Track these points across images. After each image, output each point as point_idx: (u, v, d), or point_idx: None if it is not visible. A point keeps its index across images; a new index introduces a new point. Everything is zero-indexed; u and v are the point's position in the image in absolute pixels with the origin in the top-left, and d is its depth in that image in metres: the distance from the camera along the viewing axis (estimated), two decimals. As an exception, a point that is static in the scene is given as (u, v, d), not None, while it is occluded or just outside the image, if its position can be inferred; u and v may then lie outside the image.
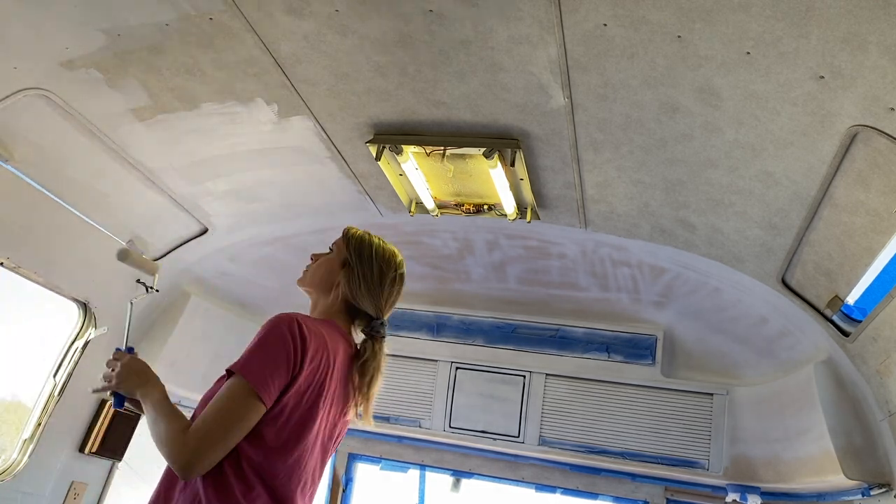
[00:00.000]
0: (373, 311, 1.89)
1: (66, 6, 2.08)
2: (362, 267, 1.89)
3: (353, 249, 1.92)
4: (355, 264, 1.89)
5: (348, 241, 1.95)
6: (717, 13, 1.72)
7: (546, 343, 3.96)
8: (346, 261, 1.90)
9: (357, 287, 1.87)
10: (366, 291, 1.87)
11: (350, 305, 1.88)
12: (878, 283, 2.33)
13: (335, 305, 1.87)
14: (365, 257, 1.91)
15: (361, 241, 1.94)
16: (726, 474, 3.50)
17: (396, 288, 1.97)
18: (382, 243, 1.98)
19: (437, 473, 4.15)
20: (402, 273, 1.98)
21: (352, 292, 1.86)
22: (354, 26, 2.09)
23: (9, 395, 4.12)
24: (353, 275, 1.87)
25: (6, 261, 2.77)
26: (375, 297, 1.89)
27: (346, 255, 1.91)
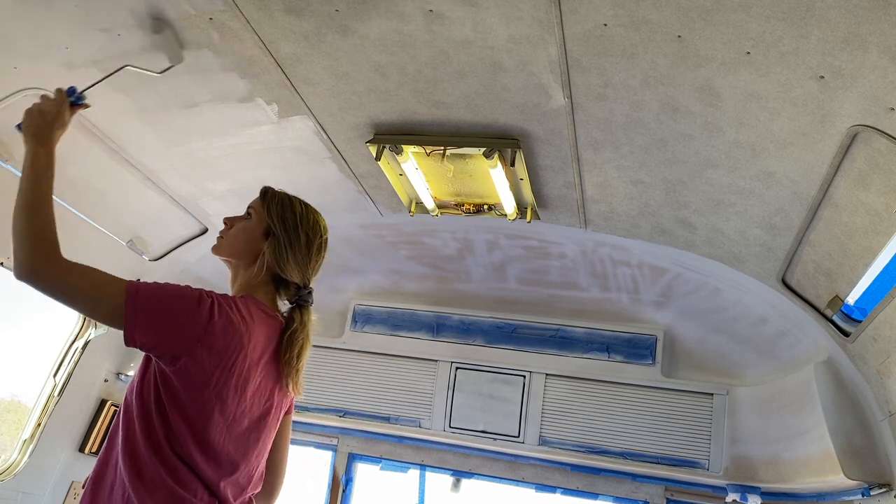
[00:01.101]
0: (299, 279, 1.79)
1: (66, 6, 2.08)
2: (288, 236, 1.77)
3: (277, 217, 1.79)
4: (280, 233, 1.76)
5: (269, 207, 1.81)
6: (717, 13, 1.72)
7: (546, 343, 3.96)
8: (270, 229, 1.78)
9: (284, 258, 1.75)
10: (293, 262, 1.76)
11: (275, 275, 1.77)
12: (878, 283, 2.33)
13: (258, 276, 1.76)
14: (290, 225, 1.78)
15: (284, 207, 1.81)
16: (726, 474, 3.50)
17: (322, 254, 1.85)
18: (305, 206, 1.85)
19: (437, 473, 4.15)
20: (326, 239, 1.86)
21: (278, 263, 1.75)
22: (354, 26, 2.09)
23: (9, 395, 4.12)
24: (278, 245, 1.75)
25: (6, 261, 2.77)
26: (303, 267, 1.79)
27: (268, 222, 1.79)
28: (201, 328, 1.52)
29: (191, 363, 1.52)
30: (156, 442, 1.51)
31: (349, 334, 4.20)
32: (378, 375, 4.10)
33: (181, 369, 1.52)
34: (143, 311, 1.50)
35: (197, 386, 1.53)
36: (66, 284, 1.49)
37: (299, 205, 1.85)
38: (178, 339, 1.51)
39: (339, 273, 4.09)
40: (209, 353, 1.53)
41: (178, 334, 1.51)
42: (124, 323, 1.49)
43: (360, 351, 4.14)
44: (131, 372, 3.54)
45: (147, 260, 3.41)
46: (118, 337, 1.92)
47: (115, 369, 3.54)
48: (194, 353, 1.52)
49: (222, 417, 1.57)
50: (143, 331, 1.49)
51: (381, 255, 3.87)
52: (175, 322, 1.52)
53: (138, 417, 1.53)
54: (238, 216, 1.87)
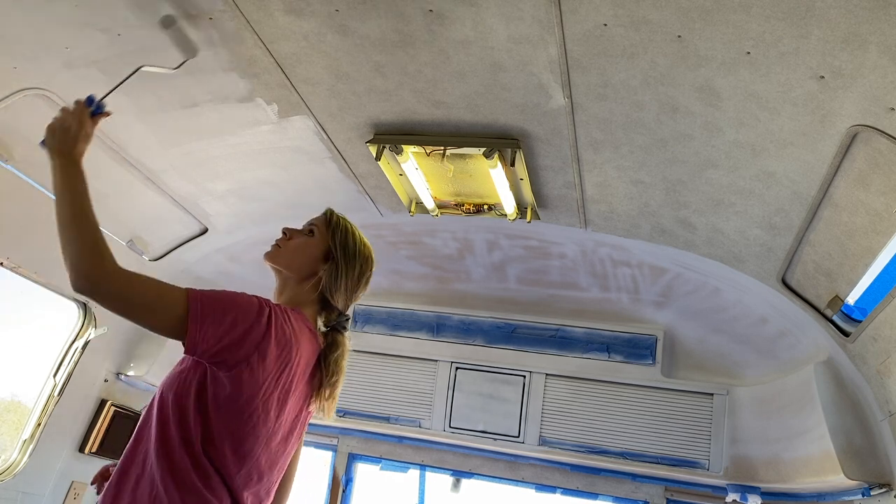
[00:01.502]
0: (343, 307, 1.83)
1: (66, 6, 2.08)
2: (347, 264, 1.81)
3: (339, 243, 1.82)
4: (340, 260, 1.80)
5: (334, 231, 1.84)
6: (717, 13, 1.72)
7: (546, 343, 3.96)
8: (330, 254, 1.81)
9: (338, 285, 1.79)
10: (344, 290, 1.81)
11: (322, 297, 1.80)
12: (878, 283, 2.33)
13: (309, 295, 1.79)
14: (350, 255, 1.82)
15: (346, 235, 1.85)
16: (726, 474, 3.50)
17: (366, 287, 1.90)
18: (363, 238, 1.90)
19: (437, 473, 4.15)
20: (373, 272, 1.91)
21: (331, 288, 1.79)
22: (354, 26, 2.09)
23: (9, 395, 4.12)
24: (335, 271, 1.79)
25: (6, 261, 2.77)
26: (349, 296, 1.83)
27: (329, 245, 1.82)
28: (260, 337, 1.54)
29: (246, 371, 1.52)
30: (192, 444, 1.51)
31: (349, 334, 4.20)
32: (378, 375, 4.10)
33: (235, 375, 1.52)
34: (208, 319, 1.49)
35: (247, 394, 1.54)
36: (128, 294, 1.46)
37: (359, 235, 1.90)
38: (240, 348, 1.52)
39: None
40: (263, 362, 1.55)
41: (240, 342, 1.51)
42: (188, 332, 1.47)
43: (360, 351, 4.14)
44: (131, 372, 3.54)
45: (147, 260, 3.41)
46: (118, 337, 1.93)
47: (115, 369, 3.54)
48: (251, 362, 1.53)
49: (264, 428, 1.59)
50: (207, 339, 1.49)
51: (381, 255, 3.82)
52: (237, 330, 1.52)
53: (175, 418, 1.53)
54: (299, 230, 1.88)
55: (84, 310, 3.28)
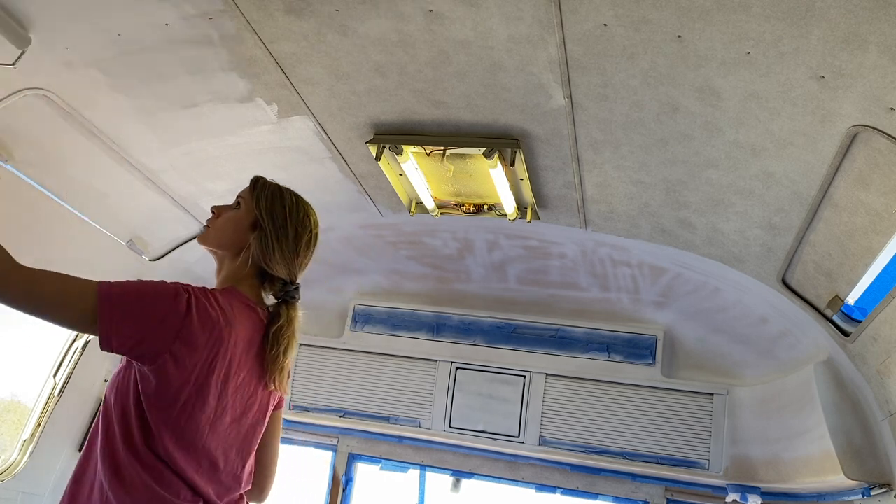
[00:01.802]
0: (286, 275, 1.73)
1: (66, 6, 2.07)
2: (276, 230, 1.71)
3: (266, 210, 1.73)
4: (268, 227, 1.71)
5: (258, 199, 1.75)
6: (717, 13, 1.72)
7: (546, 343, 3.95)
8: (257, 222, 1.72)
9: (270, 253, 1.70)
10: (279, 257, 1.71)
11: (260, 269, 1.72)
12: (878, 283, 2.33)
13: (243, 269, 1.71)
14: (279, 220, 1.73)
15: (273, 199, 1.76)
16: (726, 474, 3.50)
17: (311, 250, 1.80)
18: (295, 200, 1.80)
19: (437, 473, 4.15)
20: (316, 234, 1.81)
21: (264, 257, 1.70)
22: (354, 26, 2.09)
23: (9, 395, 4.12)
24: (265, 238, 1.70)
25: (5, 261, 2.77)
26: (290, 262, 1.73)
27: (256, 214, 1.73)
28: (178, 324, 1.46)
29: (169, 361, 1.46)
30: (133, 442, 1.47)
31: (349, 334, 4.20)
32: (378, 375, 4.10)
33: (159, 368, 1.46)
34: (118, 311, 1.43)
35: (176, 384, 1.48)
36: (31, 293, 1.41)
37: (290, 197, 1.79)
38: (156, 338, 1.45)
39: (339, 273, 4.09)
40: (188, 349, 1.48)
41: (155, 333, 1.45)
42: (99, 327, 1.41)
43: (360, 351, 4.14)
44: (131, 372, 3.55)
45: (147, 260, 3.41)
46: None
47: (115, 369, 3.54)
48: (172, 351, 1.46)
49: (203, 415, 1.53)
50: (119, 333, 1.43)
51: (381, 255, 3.87)
52: (151, 320, 1.45)
53: (117, 417, 1.50)
54: (226, 205, 1.80)
55: (84, 310, 3.28)
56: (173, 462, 1.50)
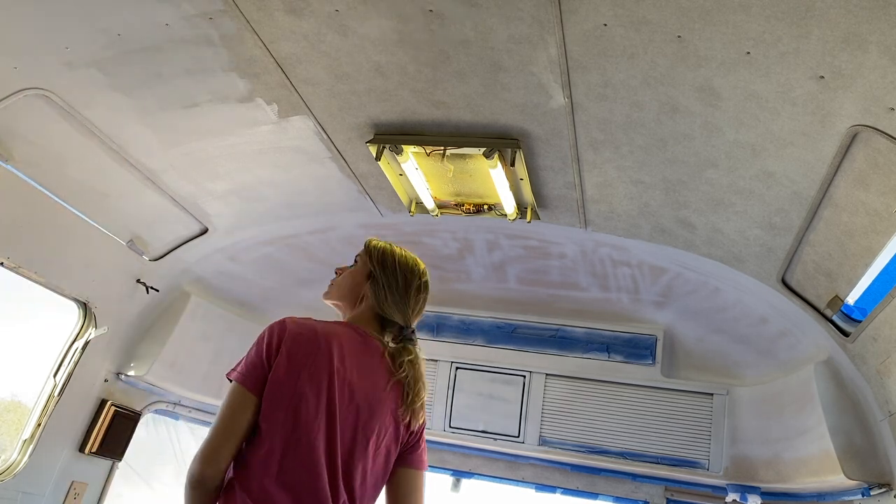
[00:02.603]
0: (401, 319, 1.91)
1: (66, 6, 2.08)
2: (387, 278, 1.90)
3: (377, 261, 1.93)
4: (380, 275, 1.91)
5: (371, 253, 1.96)
6: (717, 13, 1.72)
7: (546, 343, 3.95)
8: (371, 273, 1.92)
9: (383, 298, 1.89)
10: (391, 302, 1.89)
11: (379, 316, 1.90)
12: (878, 283, 2.33)
13: (364, 316, 1.90)
14: (389, 268, 1.92)
15: (384, 252, 1.96)
16: (726, 474, 3.50)
17: (422, 295, 1.97)
18: (404, 252, 2.00)
19: (437, 473, 4.15)
20: (426, 281, 1.98)
21: (378, 303, 1.89)
22: (354, 26, 2.09)
23: (9, 395, 4.12)
24: (378, 286, 1.90)
25: (6, 261, 2.77)
26: (402, 307, 1.91)
27: (370, 266, 1.93)
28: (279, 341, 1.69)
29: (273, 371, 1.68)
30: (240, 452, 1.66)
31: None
32: (378, 375, 4.09)
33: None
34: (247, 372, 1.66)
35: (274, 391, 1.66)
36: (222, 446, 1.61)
37: (399, 250, 1.99)
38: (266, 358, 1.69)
39: (339, 273, 4.08)
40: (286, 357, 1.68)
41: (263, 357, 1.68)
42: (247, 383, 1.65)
43: (360, 351, 4.13)
44: (131, 372, 3.54)
45: (147, 260, 3.41)
46: (118, 337, 1.93)
47: (115, 369, 3.54)
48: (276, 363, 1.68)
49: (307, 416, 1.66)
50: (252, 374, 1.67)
51: (381, 255, 3.87)
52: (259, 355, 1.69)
53: None
54: (346, 266, 2.02)
55: (84, 310, 3.28)
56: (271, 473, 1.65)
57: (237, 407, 1.62)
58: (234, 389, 1.65)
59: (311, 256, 3.68)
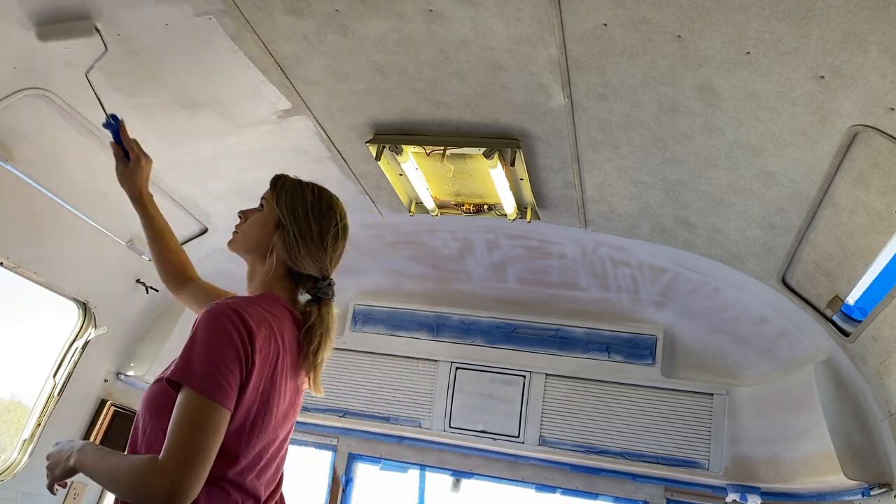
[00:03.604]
0: (316, 272, 1.68)
1: (66, 6, 2.07)
2: (298, 226, 1.66)
3: (286, 207, 1.69)
4: (290, 224, 1.66)
5: (279, 197, 1.71)
6: (717, 13, 1.72)
7: (546, 343, 3.95)
8: (279, 221, 1.68)
9: (296, 250, 1.65)
10: (306, 254, 1.66)
11: (290, 269, 1.67)
12: (878, 283, 2.33)
13: (273, 272, 1.67)
14: (300, 214, 1.68)
15: (294, 196, 1.71)
16: (726, 474, 3.50)
17: (341, 242, 1.74)
18: (318, 192, 1.74)
19: (437, 473, 4.15)
20: (345, 224, 1.75)
21: (290, 256, 1.65)
22: (354, 26, 2.09)
23: (9, 395, 4.12)
24: (288, 237, 1.66)
25: (6, 261, 2.77)
26: (318, 258, 1.68)
27: (277, 213, 1.69)
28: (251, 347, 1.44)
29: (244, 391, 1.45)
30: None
31: (349, 334, 4.20)
32: (378, 375, 4.10)
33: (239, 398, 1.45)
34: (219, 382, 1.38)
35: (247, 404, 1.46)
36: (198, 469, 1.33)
37: (311, 191, 1.74)
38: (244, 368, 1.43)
39: (339, 273, 4.04)
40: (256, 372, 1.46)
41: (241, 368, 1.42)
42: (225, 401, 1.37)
43: (360, 351, 4.14)
44: (131, 372, 3.54)
45: (147, 260, 3.41)
46: (118, 337, 1.94)
47: (115, 369, 3.53)
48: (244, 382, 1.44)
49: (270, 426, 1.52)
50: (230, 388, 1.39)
51: (381, 255, 3.87)
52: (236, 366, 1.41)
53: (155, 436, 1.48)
54: (252, 208, 1.78)
55: (84, 310, 3.28)
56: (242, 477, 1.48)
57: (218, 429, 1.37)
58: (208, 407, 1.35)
59: (311, 256, 3.68)
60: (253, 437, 1.49)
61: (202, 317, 1.45)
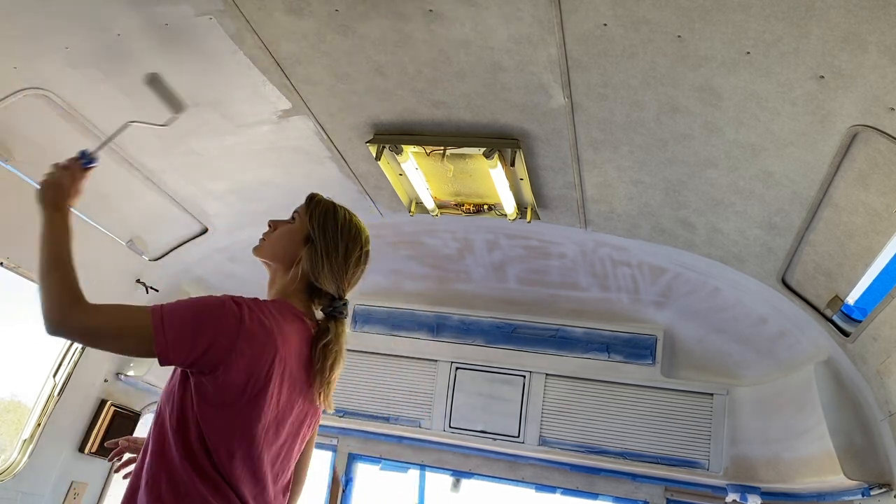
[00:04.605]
0: (334, 290, 1.77)
1: (66, 6, 2.08)
2: (326, 245, 1.75)
3: (318, 224, 1.78)
4: (318, 241, 1.75)
5: (312, 214, 1.80)
6: (717, 13, 1.72)
7: (546, 343, 3.95)
8: (310, 236, 1.77)
9: (320, 267, 1.73)
10: (328, 272, 1.74)
11: (310, 284, 1.76)
12: (878, 283, 2.33)
13: (294, 284, 1.75)
14: (330, 234, 1.76)
15: (326, 215, 1.80)
16: (726, 474, 3.50)
17: (361, 267, 1.83)
18: (349, 217, 1.84)
19: (437, 473, 4.15)
20: (367, 251, 1.84)
21: (313, 272, 1.73)
22: (354, 26, 2.09)
23: (9, 395, 4.12)
24: (315, 253, 1.74)
25: (6, 261, 2.77)
26: (338, 278, 1.76)
27: (309, 229, 1.77)
28: (234, 335, 1.50)
29: (225, 372, 1.49)
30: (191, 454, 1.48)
31: (349, 334, 4.19)
32: (378, 375, 4.10)
33: (217, 378, 1.49)
34: (173, 329, 1.47)
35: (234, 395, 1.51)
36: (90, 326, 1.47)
37: (343, 214, 1.83)
38: (212, 349, 1.49)
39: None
40: (243, 359, 1.51)
41: (211, 346, 1.49)
42: (155, 346, 1.46)
43: (360, 351, 4.14)
44: (131, 372, 3.54)
45: (147, 260, 3.41)
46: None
47: (115, 369, 3.54)
48: (229, 362, 1.49)
49: (258, 426, 1.55)
50: (176, 348, 1.47)
51: (381, 255, 3.87)
52: (206, 335, 1.49)
53: (173, 429, 1.51)
54: (283, 220, 1.86)
55: (84, 310, 3.28)
56: (228, 474, 1.51)
57: None
58: None
59: (311, 256, 3.68)
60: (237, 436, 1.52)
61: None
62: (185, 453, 1.49)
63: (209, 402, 1.50)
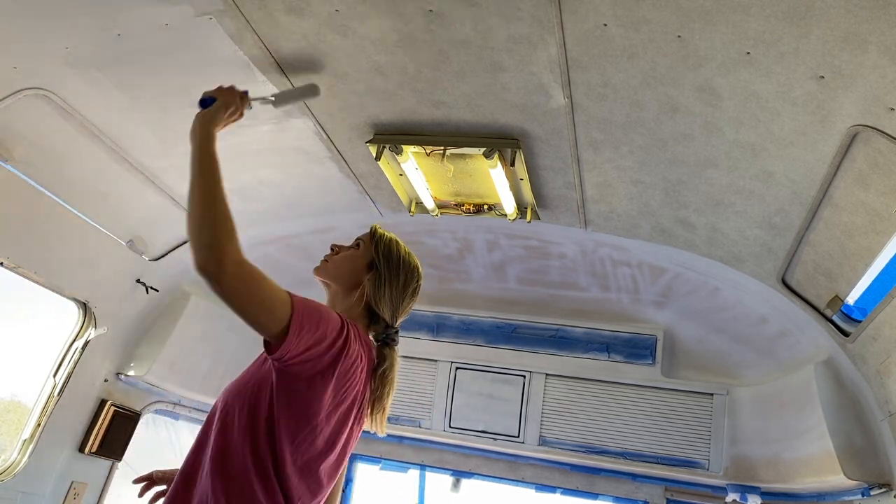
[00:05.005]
0: (389, 318, 1.87)
1: (66, 6, 2.07)
2: (389, 273, 1.85)
3: (382, 253, 1.87)
4: (383, 269, 1.84)
5: (377, 243, 1.89)
6: (717, 13, 1.72)
7: (546, 343, 3.96)
8: (374, 263, 1.85)
9: (381, 293, 1.83)
10: (388, 299, 1.85)
11: (369, 309, 1.85)
12: (878, 283, 2.33)
13: (357, 308, 1.83)
14: (393, 263, 1.86)
15: (390, 246, 1.89)
16: (726, 474, 3.50)
17: (415, 298, 1.95)
18: (408, 251, 1.95)
19: (437, 473, 4.15)
20: (421, 284, 1.95)
21: (375, 297, 1.83)
22: (354, 26, 2.09)
23: (9, 395, 4.12)
24: (378, 279, 1.83)
25: (6, 261, 2.77)
26: (395, 305, 1.87)
27: (373, 256, 1.86)
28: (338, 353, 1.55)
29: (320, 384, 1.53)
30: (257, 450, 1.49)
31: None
32: (378, 375, 4.09)
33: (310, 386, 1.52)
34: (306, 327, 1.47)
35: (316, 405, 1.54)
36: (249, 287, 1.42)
37: (404, 247, 1.93)
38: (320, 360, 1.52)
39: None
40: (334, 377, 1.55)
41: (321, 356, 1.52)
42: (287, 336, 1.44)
43: (360, 351, 4.13)
44: (131, 372, 3.54)
45: (147, 260, 3.41)
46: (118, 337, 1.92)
47: (115, 369, 3.53)
48: (325, 375, 1.53)
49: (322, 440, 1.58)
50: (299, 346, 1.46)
51: (381, 255, 3.87)
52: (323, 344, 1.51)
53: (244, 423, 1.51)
54: (346, 245, 1.92)
55: (84, 310, 3.28)
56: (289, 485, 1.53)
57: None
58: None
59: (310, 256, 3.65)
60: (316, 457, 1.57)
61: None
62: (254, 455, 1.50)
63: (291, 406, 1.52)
